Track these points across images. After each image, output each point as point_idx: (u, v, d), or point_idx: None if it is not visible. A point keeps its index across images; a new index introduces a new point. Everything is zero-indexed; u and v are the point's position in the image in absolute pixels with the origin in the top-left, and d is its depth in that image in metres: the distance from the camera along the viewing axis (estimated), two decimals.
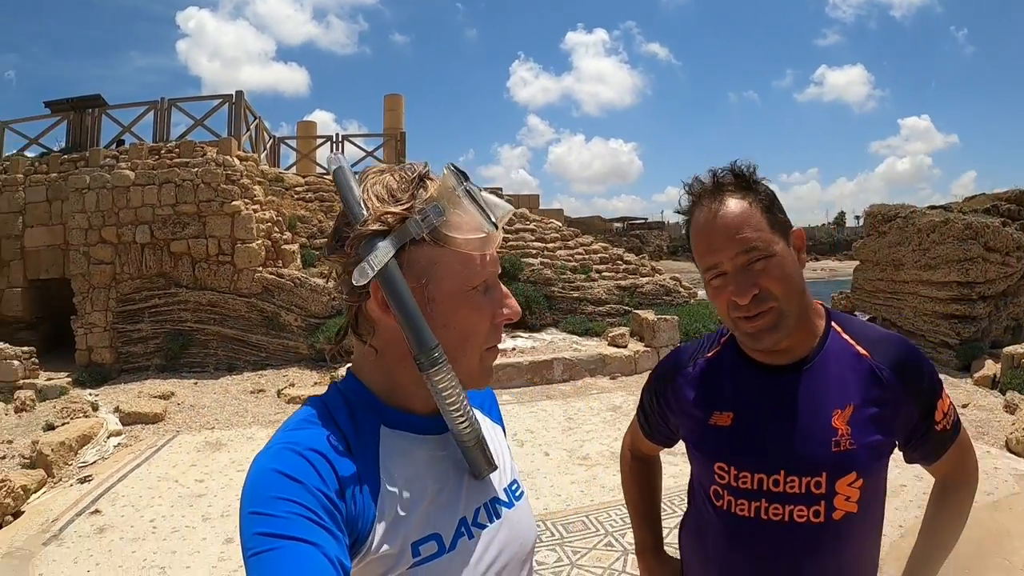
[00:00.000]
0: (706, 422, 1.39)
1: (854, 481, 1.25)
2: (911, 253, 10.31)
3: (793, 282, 1.26)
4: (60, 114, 13.92)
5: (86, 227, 11.40)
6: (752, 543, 1.31)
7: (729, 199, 1.26)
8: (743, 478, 1.31)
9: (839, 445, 1.25)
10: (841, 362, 1.32)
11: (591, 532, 4.59)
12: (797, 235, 1.31)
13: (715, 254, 1.26)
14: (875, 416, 1.27)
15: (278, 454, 0.85)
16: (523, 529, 1.07)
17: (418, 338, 0.88)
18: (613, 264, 14.76)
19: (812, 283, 26.67)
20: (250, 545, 0.77)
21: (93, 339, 11.10)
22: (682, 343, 11.21)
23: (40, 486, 6.04)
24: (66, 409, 8.15)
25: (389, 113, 19.35)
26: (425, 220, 0.89)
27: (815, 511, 1.26)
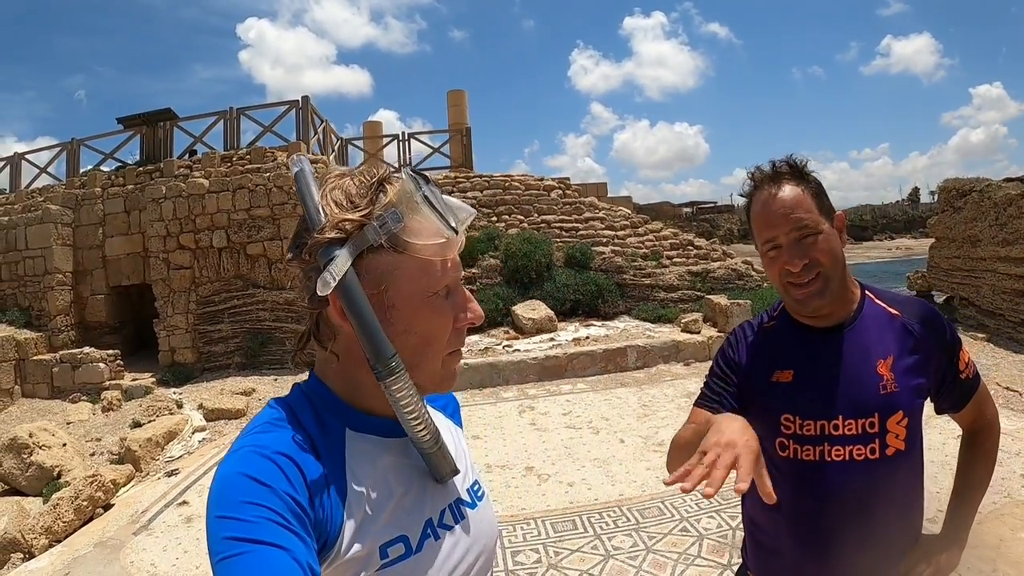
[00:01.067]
0: (769, 379, 1.56)
1: (901, 419, 1.44)
2: (988, 228, 9.85)
3: (837, 255, 1.47)
4: (133, 129, 14.32)
5: (164, 234, 11.74)
6: (819, 484, 1.47)
7: (785, 184, 1.48)
8: (807, 426, 1.48)
9: (885, 388, 1.45)
10: (878, 321, 1.53)
11: (666, 518, 4.52)
12: (839, 218, 1.52)
13: (772, 228, 1.47)
14: (912, 363, 1.48)
15: (245, 457, 0.84)
16: (486, 528, 1.09)
17: (375, 348, 0.88)
18: (684, 250, 14.51)
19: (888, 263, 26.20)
20: (218, 549, 0.76)
21: (175, 340, 11.44)
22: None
23: (129, 480, 6.20)
24: (151, 407, 8.37)
25: (453, 109, 19.40)
26: (383, 227, 0.89)
27: (871, 448, 1.44)
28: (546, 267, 12.46)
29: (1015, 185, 9.83)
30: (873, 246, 57.81)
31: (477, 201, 14.23)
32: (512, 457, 6.00)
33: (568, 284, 12.14)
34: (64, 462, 6.44)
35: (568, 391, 8.54)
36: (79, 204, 12.71)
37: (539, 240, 12.79)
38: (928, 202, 66.20)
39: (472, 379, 8.80)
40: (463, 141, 18.14)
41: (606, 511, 4.70)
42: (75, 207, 12.68)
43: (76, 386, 10.29)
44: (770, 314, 1.69)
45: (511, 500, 4.96)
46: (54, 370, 10.55)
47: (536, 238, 12.86)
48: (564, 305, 11.90)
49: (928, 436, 1.58)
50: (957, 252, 10.65)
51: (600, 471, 5.53)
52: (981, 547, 3.56)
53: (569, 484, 5.27)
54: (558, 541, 4.26)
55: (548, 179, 15.85)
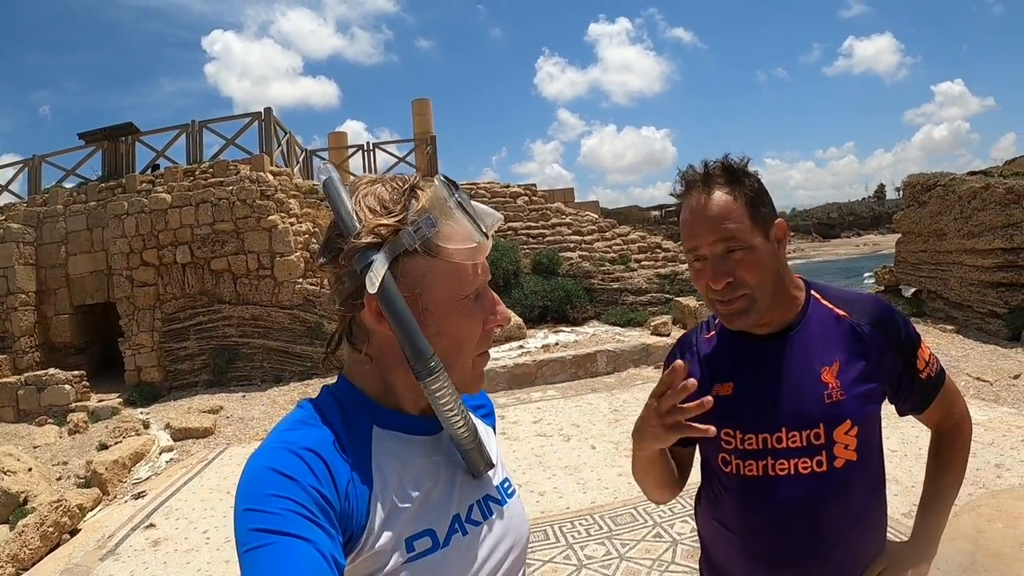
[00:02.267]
0: (709, 394, 1.40)
1: (849, 429, 1.36)
2: (953, 222, 10.02)
3: (766, 272, 1.36)
4: (94, 144, 14.16)
5: (127, 251, 11.60)
6: (764, 500, 1.40)
7: (716, 191, 1.36)
8: (748, 440, 1.41)
9: (830, 397, 1.37)
10: (823, 324, 1.44)
11: (639, 524, 4.53)
12: (779, 227, 1.41)
13: (696, 239, 1.38)
14: (861, 368, 1.39)
15: (273, 453, 0.86)
16: (516, 525, 1.09)
17: (415, 349, 0.90)
18: (652, 253, 14.63)
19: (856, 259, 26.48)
20: (245, 541, 0.78)
21: (141, 359, 11.30)
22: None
23: (96, 504, 6.14)
24: (118, 429, 8.27)
25: (418, 118, 19.36)
26: (418, 231, 0.91)
27: (818, 461, 1.36)
28: (513, 274, 12.50)
29: (978, 179, 10.00)
30: (841, 243, 58.65)
31: None
32: None
33: (536, 291, 12.19)
34: (30, 487, 6.35)
35: (538, 398, 8.58)
36: (41, 222, 12.55)
37: (506, 247, 12.82)
38: (894, 198, 67.34)
39: None
40: (428, 150, 18.12)
41: (578, 519, 4.71)
42: (37, 225, 12.52)
43: (42, 408, 10.11)
44: (711, 323, 1.60)
45: None
46: (19, 393, 10.36)
47: (503, 245, 12.88)
48: (533, 312, 11.95)
49: (902, 430, 1.55)
50: (923, 246, 10.83)
51: (571, 479, 5.56)
52: (959, 539, 3.60)
53: (540, 493, 5.29)
54: (529, 552, 4.23)
55: (514, 186, 15.93)
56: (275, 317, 11.24)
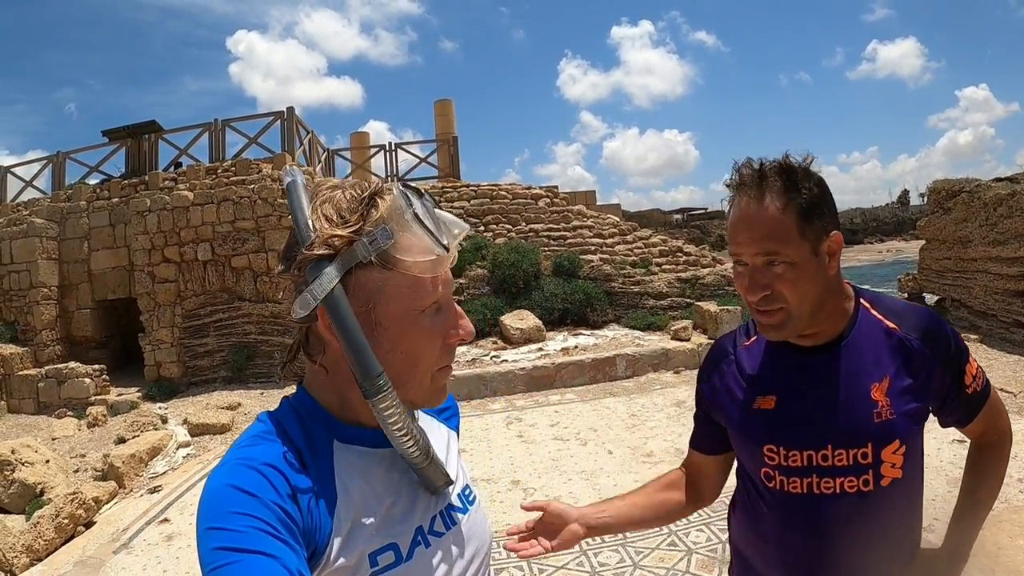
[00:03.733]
0: (751, 407, 1.43)
1: (898, 448, 1.31)
2: (978, 229, 9.83)
3: (808, 289, 1.29)
4: (118, 142, 14.26)
5: (149, 248, 11.66)
6: (807, 518, 1.36)
7: (767, 196, 1.27)
8: (792, 457, 1.36)
9: (880, 416, 1.31)
10: (873, 338, 1.37)
11: (654, 532, 4.43)
12: (835, 240, 1.31)
13: (739, 245, 1.31)
14: (910, 385, 1.33)
15: (233, 470, 0.85)
16: (479, 533, 1.09)
17: (362, 366, 0.88)
18: (673, 256, 14.52)
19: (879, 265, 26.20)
20: (209, 560, 0.77)
21: (161, 355, 11.36)
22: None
23: (111, 497, 6.14)
24: (136, 423, 8.30)
25: (440, 118, 19.42)
26: (373, 243, 0.88)
27: (864, 480, 1.31)
28: (534, 276, 12.45)
29: (1004, 185, 9.83)
30: (863, 249, 58.16)
31: (464, 211, 14.23)
32: (498, 470, 5.96)
33: (556, 293, 12.12)
34: (47, 479, 6.37)
35: (556, 401, 8.51)
36: (64, 217, 12.65)
37: (527, 249, 12.78)
38: (918, 204, 66.75)
39: (459, 391, 8.74)
40: (450, 151, 18.15)
41: None
42: (60, 220, 12.62)
43: (62, 401, 10.21)
44: (751, 329, 1.52)
45: (496, 515, 4.91)
46: (39, 385, 10.47)
47: (524, 247, 12.85)
48: (552, 314, 11.88)
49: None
50: (948, 253, 10.66)
51: (587, 484, 5.49)
52: (979, 555, 3.51)
53: (555, 498, 5.19)
54: (543, 558, 4.19)
55: (536, 188, 15.88)
56: None
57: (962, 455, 1.60)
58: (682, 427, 6.86)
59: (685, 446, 1.73)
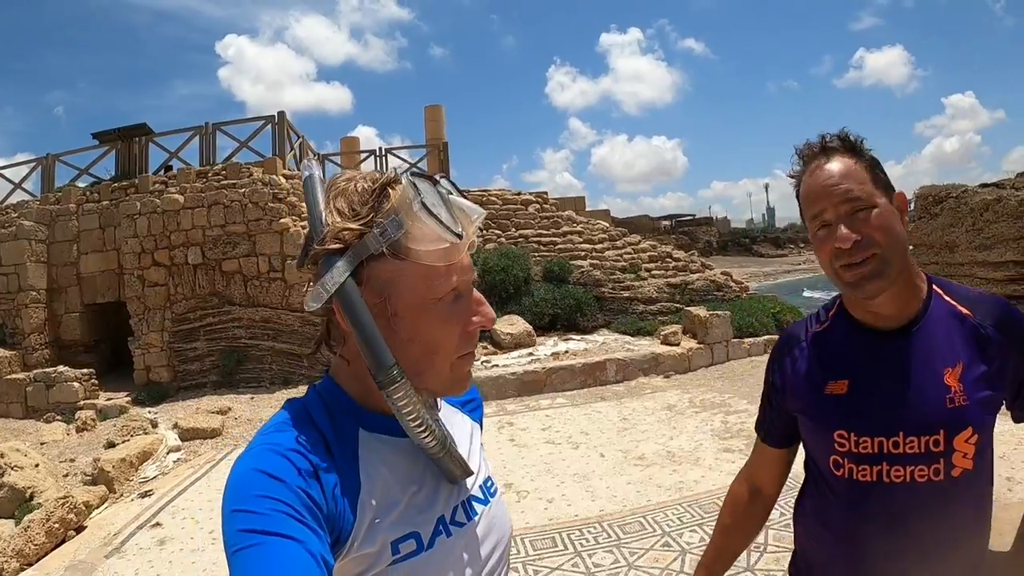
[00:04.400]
0: (822, 392, 1.41)
1: (970, 437, 1.27)
2: (965, 234, 9.88)
3: (895, 234, 1.28)
4: (108, 144, 14.22)
5: (139, 251, 11.64)
6: (876, 507, 1.33)
7: (836, 157, 1.31)
8: (863, 443, 1.33)
9: (953, 402, 1.28)
10: (946, 323, 1.34)
11: (648, 533, 4.49)
12: (900, 197, 1.34)
13: (820, 202, 1.30)
14: (984, 372, 1.30)
15: (259, 455, 0.86)
16: (500, 525, 1.09)
17: (374, 357, 0.89)
18: (662, 262, 14.58)
19: None
20: (233, 542, 0.78)
21: (150, 359, 11.32)
22: (735, 339, 11.24)
23: (102, 502, 6.12)
24: (126, 427, 8.28)
25: (430, 124, 19.41)
26: (383, 235, 0.88)
27: (935, 469, 1.28)
28: (524, 281, 12.47)
29: (991, 190, 9.89)
30: None
31: None
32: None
33: (546, 298, 12.16)
34: (37, 483, 6.33)
35: (547, 406, 8.54)
36: (53, 220, 12.59)
37: (517, 255, 12.81)
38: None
39: None
40: (440, 156, 18.17)
41: (586, 527, 4.67)
42: (49, 223, 12.57)
43: (51, 405, 10.16)
44: (822, 315, 1.52)
45: None
46: (28, 389, 10.42)
47: (514, 252, 12.88)
48: (543, 319, 11.92)
49: None
50: (935, 258, 10.72)
51: (580, 486, 5.51)
52: None
53: (548, 500, 5.25)
54: (537, 559, 4.23)
55: (526, 194, 15.90)
56: (285, 320, 11.21)
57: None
58: (672, 430, 6.93)
59: (676, 449, 1.77)
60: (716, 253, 45.06)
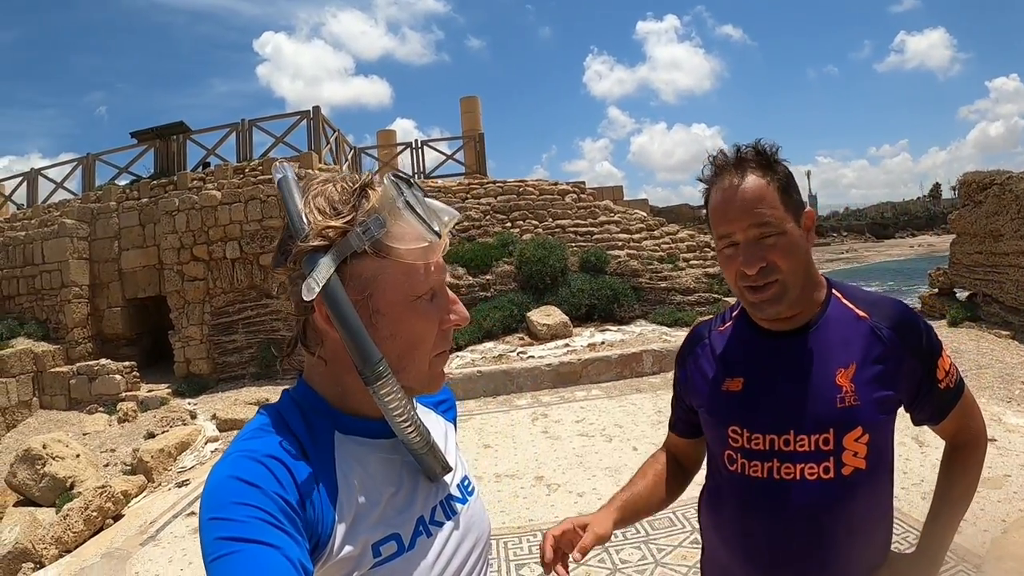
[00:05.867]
0: (719, 388, 1.45)
1: (860, 436, 1.30)
2: (1010, 222, 9.57)
3: (799, 259, 1.32)
4: (146, 143, 14.44)
5: (178, 247, 11.84)
6: (766, 504, 1.36)
7: (749, 175, 1.32)
8: (755, 439, 1.37)
9: (843, 401, 1.31)
10: (842, 325, 1.38)
11: (677, 529, 4.40)
12: (808, 216, 1.37)
13: (730, 224, 1.32)
14: (878, 373, 1.33)
15: (235, 462, 0.86)
16: (478, 524, 1.10)
17: (362, 353, 0.89)
18: (701, 252, 14.40)
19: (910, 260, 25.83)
20: (211, 550, 0.77)
21: (190, 351, 11.51)
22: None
23: (140, 491, 6.20)
24: (165, 418, 8.40)
25: (466, 115, 19.41)
26: (366, 233, 0.89)
27: (825, 467, 1.31)
28: (561, 272, 12.38)
29: None
30: (895, 243, 57.46)
31: (491, 207, 14.20)
32: (522, 466, 5.93)
33: (583, 289, 12.05)
34: (77, 473, 6.45)
35: (582, 398, 8.46)
36: (95, 218, 12.85)
37: (553, 245, 12.72)
38: (950, 198, 65.97)
39: (486, 387, 8.76)
40: (476, 147, 18.15)
41: None
42: (91, 221, 12.82)
43: (93, 398, 10.37)
44: (727, 316, 1.57)
45: (519, 511, 4.88)
46: (71, 382, 10.64)
47: (550, 243, 12.79)
48: (579, 310, 11.81)
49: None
50: (979, 247, 10.43)
51: (611, 480, 5.43)
52: (1005, 558, 3.42)
53: (579, 494, 5.19)
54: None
55: (562, 183, 15.81)
56: None
57: None
58: None
59: None
60: None
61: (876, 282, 31.34)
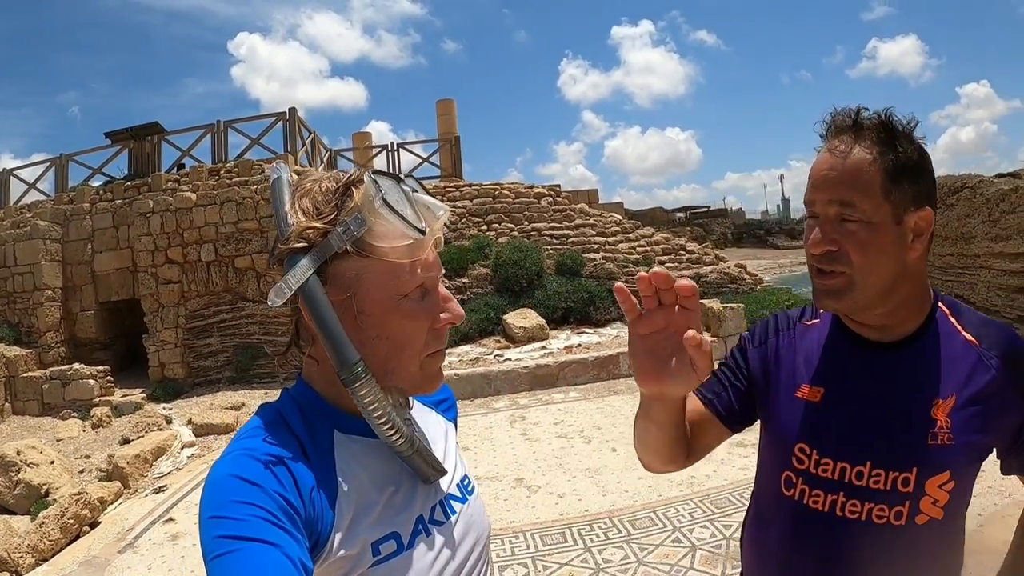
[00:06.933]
0: (793, 393, 1.25)
1: (946, 483, 1.10)
2: (981, 225, 9.76)
3: (883, 261, 1.10)
4: (121, 143, 14.30)
5: (152, 249, 11.73)
6: (820, 542, 1.18)
7: (857, 145, 1.11)
8: (824, 465, 1.17)
9: (936, 438, 1.11)
10: (947, 348, 1.17)
11: (658, 528, 4.46)
12: (923, 217, 1.12)
13: (814, 190, 1.14)
14: (979, 412, 1.12)
15: (235, 460, 0.85)
16: (478, 523, 1.09)
17: (338, 355, 0.88)
18: (676, 255, 14.52)
19: None
20: (211, 549, 0.77)
21: (165, 356, 11.41)
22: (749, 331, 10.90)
23: (116, 497, 6.16)
24: (141, 423, 8.34)
25: (442, 118, 19.42)
26: (346, 232, 0.88)
27: (897, 512, 1.12)
28: (537, 275, 12.44)
29: (1007, 180, 9.76)
30: None
31: (467, 210, 14.23)
32: (502, 468, 5.96)
33: (559, 292, 12.12)
34: (52, 480, 6.39)
35: (560, 400, 8.51)
36: (68, 219, 12.70)
37: (529, 248, 12.79)
38: None
39: (463, 390, 8.77)
40: (452, 151, 18.17)
41: (597, 523, 4.65)
42: (64, 222, 12.67)
43: (66, 403, 10.25)
44: (815, 311, 1.34)
45: (500, 512, 4.91)
46: (44, 387, 10.51)
47: (526, 246, 12.85)
48: (555, 313, 11.88)
49: None
50: (951, 249, 10.62)
51: (591, 481, 5.49)
52: (982, 552, 3.48)
53: (559, 495, 5.23)
54: (547, 555, 4.20)
55: (538, 187, 15.87)
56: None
57: None
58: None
59: None
60: (731, 245, 44.88)
61: None
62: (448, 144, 18.37)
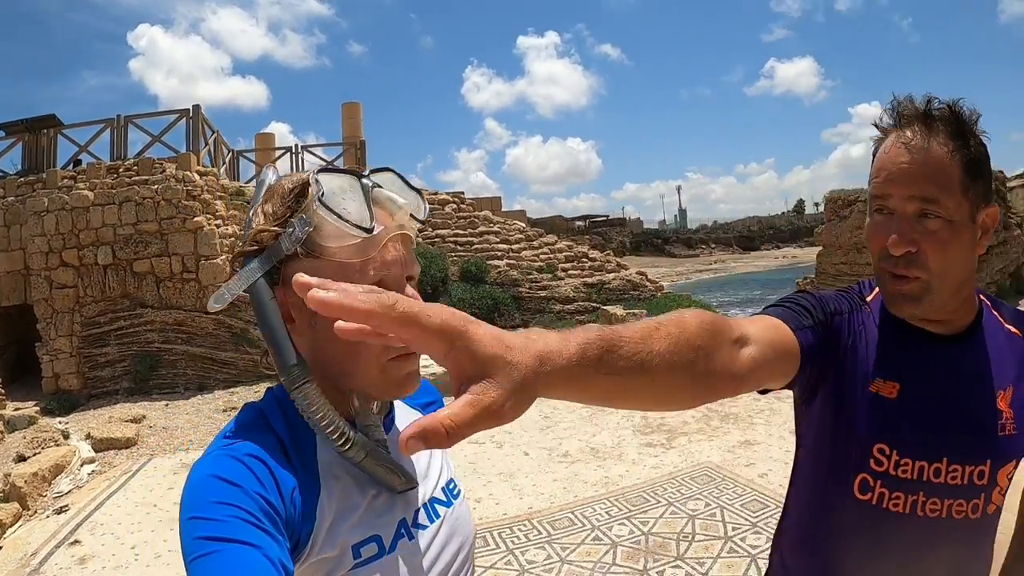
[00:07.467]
0: (867, 387, 1.14)
1: (1012, 471, 1.08)
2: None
3: (958, 262, 1.07)
4: (15, 136, 13.70)
5: (46, 251, 11.22)
6: (904, 547, 1.12)
7: (935, 137, 1.05)
8: (904, 465, 1.10)
9: (1004, 429, 1.10)
10: (997, 340, 1.17)
11: (578, 528, 4.66)
12: (990, 215, 1.10)
13: (890, 184, 1.07)
14: None
15: (216, 460, 0.85)
16: (462, 526, 1.09)
17: (277, 358, 0.89)
18: (578, 262, 14.87)
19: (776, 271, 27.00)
20: (191, 550, 0.77)
21: (59, 365, 10.92)
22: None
23: (16, 519, 5.98)
24: (36, 439, 8.04)
25: (347, 121, 19.26)
26: (292, 235, 0.89)
27: (974, 505, 1.09)
28: (441, 282, 12.58)
29: None
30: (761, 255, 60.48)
31: None
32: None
33: (464, 298, 12.28)
34: None
35: None
36: None
37: (434, 255, 12.90)
38: (813, 213, 69.95)
39: None
40: (357, 154, 18.04)
41: (516, 525, 4.80)
42: None
43: None
44: (864, 293, 1.24)
45: None
46: None
47: (431, 252, 12.96)
48: None
49: None
50: (844, 258, 11.29)
51: (507, 485, 5.67)
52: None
53: (477, 500, 5.36)
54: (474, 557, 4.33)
55: (443, 193, 15.99)
56: (199, 322, 11.01)
57: None
58: (594, 427, 7.21)
59: (599, 445, 1.42)
60: (629, 253, 45.99)
61: (743, 291, 32.76)
62: (353, 148, 18.23)
